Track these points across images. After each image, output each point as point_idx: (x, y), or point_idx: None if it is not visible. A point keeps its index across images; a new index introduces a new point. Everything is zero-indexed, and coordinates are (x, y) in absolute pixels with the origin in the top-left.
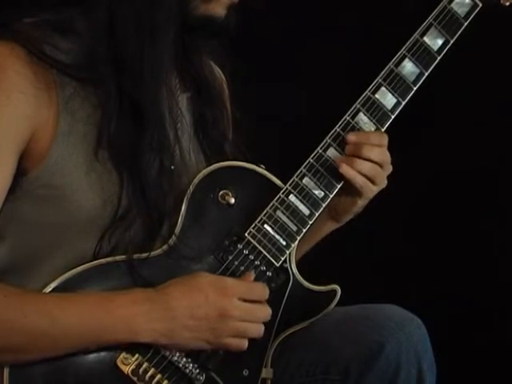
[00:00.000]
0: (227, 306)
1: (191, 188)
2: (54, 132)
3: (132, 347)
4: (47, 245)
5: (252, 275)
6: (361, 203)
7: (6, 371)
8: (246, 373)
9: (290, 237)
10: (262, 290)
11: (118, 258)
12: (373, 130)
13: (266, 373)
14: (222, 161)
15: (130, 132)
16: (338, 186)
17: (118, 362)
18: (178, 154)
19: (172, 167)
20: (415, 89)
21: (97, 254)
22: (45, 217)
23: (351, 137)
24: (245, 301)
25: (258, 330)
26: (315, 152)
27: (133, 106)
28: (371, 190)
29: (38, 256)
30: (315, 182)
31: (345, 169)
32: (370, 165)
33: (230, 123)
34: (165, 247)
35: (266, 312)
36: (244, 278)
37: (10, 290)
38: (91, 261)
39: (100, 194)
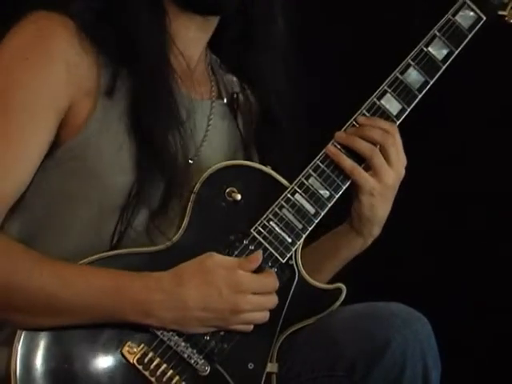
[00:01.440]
0: (239, 302)
1: (198, 184)
2: (94, 106)
3: (138, 337)
4: (68, 218)
5: (260, 254)
6: (367, 200)
7: (13, 360)
8: (251, 366)
9: (295, 234)
10: (273, 283)
11: (135, 250)
12: None
13: (271, 367)
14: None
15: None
16: (344, 187)
17: (124, 351)
18: (202, 152)
19: (190, 161)
20: (420, 96)
21: (113, 239)
22: (71, 189)
23: (361, 118)
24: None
25: (264, 318)
26: (321, 153)
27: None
28: (364, 178)
29: (57, 228)
30: (321, 182)
31: (332, 150)
32: (365, 143)
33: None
34: (171, 242)
35: (273, 301)
36: (253, 257)
37: (31, 250)
38: (99, 251)
39: (128, 175)
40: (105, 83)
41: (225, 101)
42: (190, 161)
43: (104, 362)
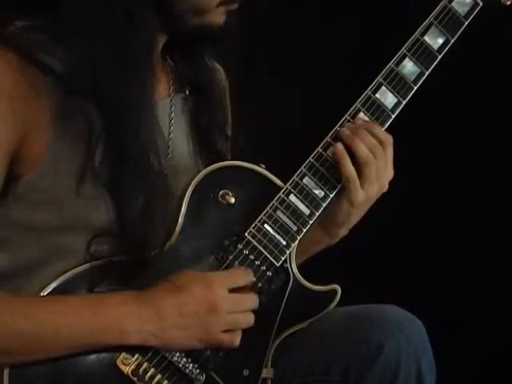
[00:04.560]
0: (215, 300)
1: (191, 188)
2: (48, 137)
3: (132, 347)
4: (44, 249)
5: (237, 265)
6: (346, 207)
7: (5, 372)
8: (246, 373)
9: (290, 237)
10: (246, 275)
11: (117, 258)
12: None
13: (267, 373)
14: (222, 161)
15: (112, 164)
16: (339, 186)
17: (118, 362)
18: (172, 159)
19: (165, 172)
20: (416, 88)
21: (95, 256)
22: (39, 221)
23: (359, 121)
24: (232, 291)
25: (249, 320)
26: (315, 151)
27: (114, 140)
28: (356, 189)
29: (37, 260)
30: (315, 182)
31: (340, 149)
32: (365, 150)
33: (230, 124)
34: (165, 247)
35: (253, 300)
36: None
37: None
38: (91, 261)
39: (93, 198)
40: (56, 111)
41: (187, 93)
42: (164, 172)
43: (98, 373)
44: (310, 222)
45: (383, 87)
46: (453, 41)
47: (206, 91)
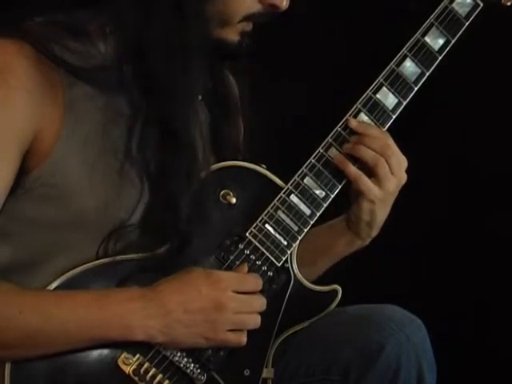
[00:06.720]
0: (221, 298)
1: None
2: (59, 131)
3: (133, 347)
4: (49, 244)
5: (246, 267)
6: (368, 206)
7: (7, 368)
8: (247, 373)
9: (291, 237)
10: (255, 281)
11: (120, 257)
12: None
13: (267, 373)
14: (223, 161)
15: (157, 149)
16: (340, 186)
17: (119, 362)
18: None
19: None
20: (416, 89)
21: (99, 255)
22: (46, 216)
23: (353, 122)
24: (239, 292)
25: (255, 321)
26: (316, 152)
27: (163, 127)
28: (368, 187)
29: (41, 255)
30: (316, 182)
31: (338, 157)
32: (370, 152)
33: (241, 128)
34: (166, 247)
35: (260, 301)
36: (237, 269)
37: (6, 287)
38: (93, 260)
39: (102, 197)
40: (70, 105)
41: (200, 97)
42: None
43: (99, 372)
44: (311, 222)
45: (384, 88)
46: (453, 41)
47: (221, 105)
